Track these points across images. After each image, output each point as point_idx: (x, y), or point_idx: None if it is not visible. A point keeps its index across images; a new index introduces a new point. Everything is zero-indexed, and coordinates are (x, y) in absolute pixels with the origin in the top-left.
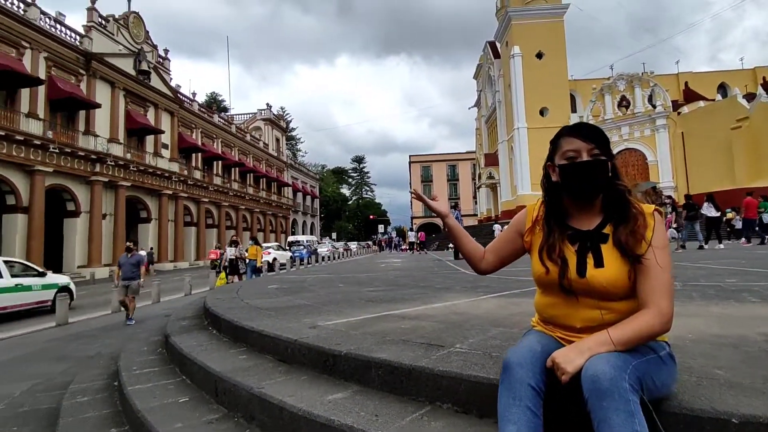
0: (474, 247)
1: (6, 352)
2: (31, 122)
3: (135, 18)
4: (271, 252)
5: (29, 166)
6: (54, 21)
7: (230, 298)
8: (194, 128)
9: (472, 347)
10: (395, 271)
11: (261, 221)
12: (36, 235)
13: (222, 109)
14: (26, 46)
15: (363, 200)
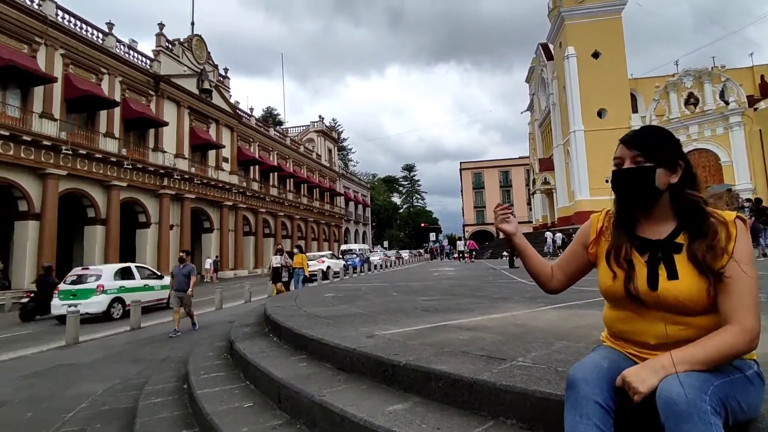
0: (542, 266)
1: (91, 353)
2: (108, 141)
3: (198, 41)
4: (325, 260)
5: (107, 182)
6: (128, 47)
7: (289, 305)
8: (252, 142)
9: (535, 361)
10: (449, 279)
11: (314, 230)
12: (112, 245)
13: (277, 123)
14: (104, 71)
15: (414, 208)
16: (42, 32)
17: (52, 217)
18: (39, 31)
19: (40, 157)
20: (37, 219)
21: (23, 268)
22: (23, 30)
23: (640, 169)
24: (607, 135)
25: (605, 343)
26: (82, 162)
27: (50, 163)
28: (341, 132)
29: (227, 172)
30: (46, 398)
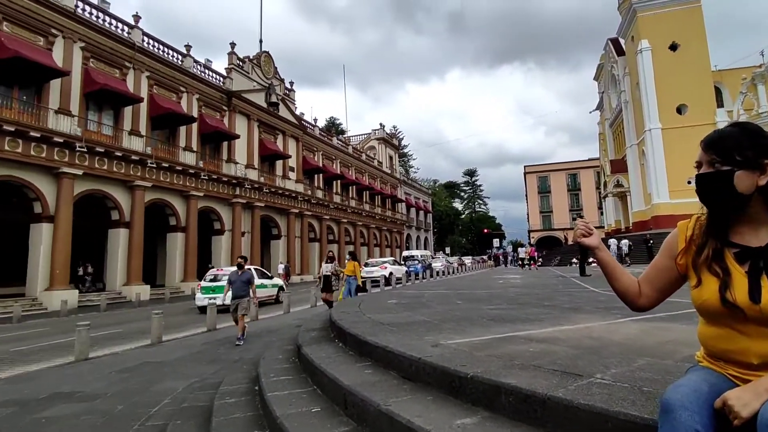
0: (629, 282)
1: (173, 352)
2: (187, 154)
3: (266, 57)
4: (387, 266)
5: (186, 192)
6: (203, 67)
7: (354, 311)
8: (316, 151)
9: (616, 378)
10: (515, 288)
11: (376, 236)
12: (191, 250)
13: (339, 132)
14: (183, 90)
15: (476, 214)
16: (131, 57)
17: (139, 225)
18: (128, 56)
19: (129, 171)
20: (127, 227)
21: (115, 271)
22: (115, 56)
23: (716, 174)
24: (688, 132)
25: (701, 363)
26: (165, 174)
27: (138, 176)
28: (402, 139)
29: (293, 180)
30: (134, 393)
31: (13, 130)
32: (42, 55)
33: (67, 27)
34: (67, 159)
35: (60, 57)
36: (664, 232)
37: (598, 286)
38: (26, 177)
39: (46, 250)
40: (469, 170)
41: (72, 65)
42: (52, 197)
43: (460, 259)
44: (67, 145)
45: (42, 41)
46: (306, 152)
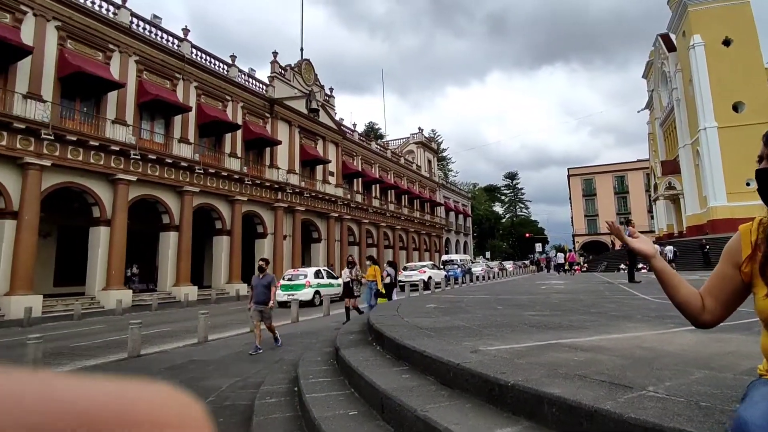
0: (690, 295)
1: (217, 351)
2: (231, 160)
3: (306, 65)
4: (426, 270)
5: (231, 196)
6: (247, 76)
7: (391, 315)
8: (355, 156)
9: (670, 392)
10: (558, 294)
11: (415, 240)
12: (236, 254)
13: (378, 137)
14: (228, 99)
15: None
16: (180, 69)
17: (187, 229)
18: (178, 68)
19: (179, 177)
20: (177, 230)
21: (166, 272)
22: (166, 68)
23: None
24: (746, 131)
25: (765, 377)
26: (211, 180)
27: (186, 181)
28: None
29: (333, 185)
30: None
31: (75, 139)
32: (101, 69)
33: (124, 42)
34: (123, 166)
35: (117, 70)
36: (722, 237)
37: (648, 293)
38: (86, 183)
39: (104, 252)
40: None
41: (127, 78)
42: (109, 202)
43: (500, 264)
44: (123, 152)
45: (101, 56)
46: (345, 157)
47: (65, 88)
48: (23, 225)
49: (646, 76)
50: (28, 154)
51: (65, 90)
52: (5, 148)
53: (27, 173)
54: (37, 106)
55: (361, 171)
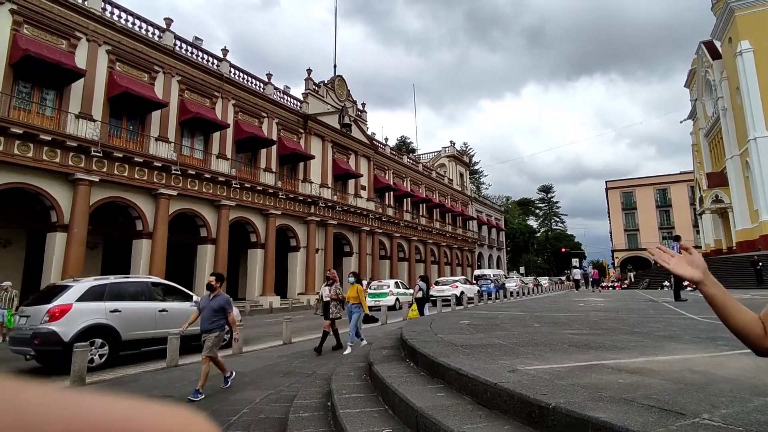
0: (749, 321)
1: (251, 363)
2: (266, 175)
3: (339, 81)
4: (458, 285)
5: (266, 210)
6: (282, 93)
7: (424, 331)
8: (387, 170)
9: (726, 420)
10: (598, 311)
11: (447, 255)
12: (269, 267)
13: (410, 151)
14: (264, 115)
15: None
16: (219, 87)
17: (224, 241)
18: (217, 86)
19: (216, 191)
20: (213, 243)
21: (203, 283)
22: (206, 87)
23: None
24: None
25: None
26: (247, 194)
27: (224, 196)
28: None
29: (365, 199)
30: (217, 401)
31: (121, 156)
32: (146, 89)
33: (167, 63)
34: (164, 181)
35: (160, 90)
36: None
37: (697, 312)
38: (130, 198)
39: (145, 264)
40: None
41: (170, 97)
42: (151, 216)
43: (535, 280)
44: (165, 168)
45: (146, 77)
46: (377, 171)
47: (113, 108)
48: (73, 237)
49: (688, 86)
50: (79, 170)
51: (113, 109)
52: (59, 165)
53: (77, 188)
54: (88, 125)
55: (392, 185)
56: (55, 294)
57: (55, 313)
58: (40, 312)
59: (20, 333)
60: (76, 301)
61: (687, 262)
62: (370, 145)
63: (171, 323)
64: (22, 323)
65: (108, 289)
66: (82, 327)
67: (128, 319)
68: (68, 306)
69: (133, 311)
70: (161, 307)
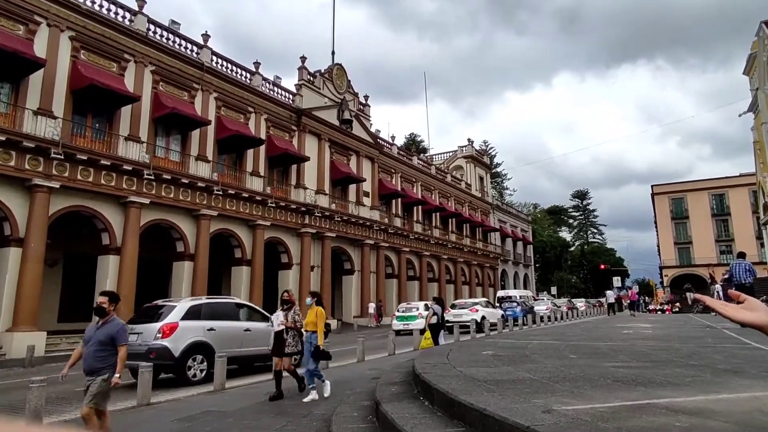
0: None
1: (236, 400)
2: (254, 180)
3: (338, 70)
4: (479, 309)
5: (252, 221)
6: (272, 84)
7: (441, 363)
8: (393, 173)
9: None
10: (646, 340)
11: (465, 272)
12: (257, 287)
13: (421, 151)
14: (251, 110)
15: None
16: (199, 78)
17: (203, 257)
18: (197, 77)
19: (195, 199)
20: (192, 260)
21: None
22: (184, 78)
23: None
24: None
25: None
26: (231, 202)
27: (203, 204)
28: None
29: (368, 207)
30: None
31: (86, 158)
32: (115, 81)
33: (139, 51)
34: (135, 187)
35: (131, 82)
36: None
37: (765, 341)
38: (96, 206)
39: (112, 283)
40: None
41: (142, 90)
42: (120, 227)
43: (569, 302)
44: (136, 172)
45: (115, 67)
46: (382, 174)
47: (77, 103)
48: (29, 253)
49: (748, 73)
50: (37, 175)
51: (77, 105)
52: (13, 169)
53: (35, 196)
54: (48, 122)
55: (400, 190)
56: (155, 313)
57: (166, 331)
58: (152, 329)
59: (133, 348)
60: (181, 319)
61: (745, 308)
62: (374, 144)
63: (253, 342)
64: (134, 339)
65: (203, 309)
66: (188, 343)
67: (221, 338)
68: (175, 324)
69: (225, 330)
70: (246, 326)
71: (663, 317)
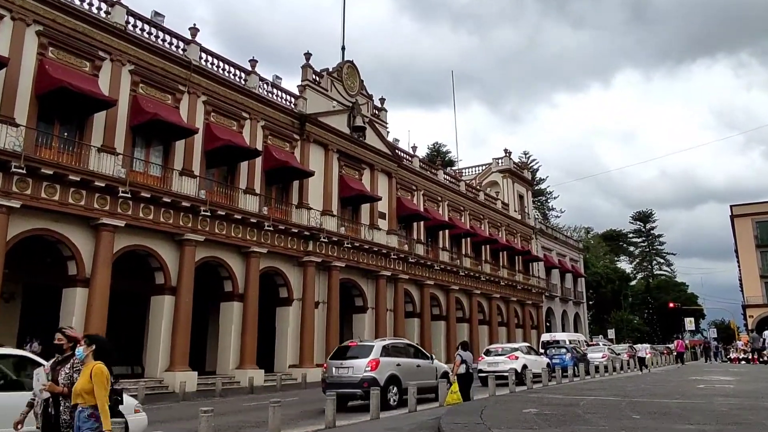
0: None
1: None
2: (248, 198)
3: (349, 68)
4: (519, 356)
5: (246, 248)
6: (271, 86)
7: (473, 423)
8: (415, 190)
9: None
10: (727, 397)
11: (501, 311)
12: (250, 328)
13: (447, 163)
14: (246, 116)
15: (654, 279)
16: (186, 79)
17: (187, 291)
18: (182, 78)
19: (179, 221)
20: (173, 293)
21: (157, 352)
22: (168, 79)
23: None
24: None
25: None
26: (220, 225)
27: (188, 228)
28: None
29: (384, 231)
30: None
31: (51, 173)
32: (88, 82)
33: (117, 48)
34: (108, 207)
35: (107, 84)
36: None
37: None
38: (62, 230)
39: (79, 322)
40: (640, 213)
41: (119, 93)
42: (89, 255)
43: (631, 348)
44: (109, 190)
45: (88, 66)
46: (401, 192)
47: (43, 109)
48: None
49: None
50: None
51: (43, 111)
52: None
53: None
54: (8, 131)
55: (423, 211)
56: (347, 352)
57: (373, 365)
58: (361, 364)
59: (346, 379)
60: (380, 356)
61: None
62: (391, 155)
63: (424, 375)
64: (344, 373)
65: (391, 348)
66: (387, 375)
67: (404, 371)
68: (378, 360)
69: (406, 365)
70: (417, 363)
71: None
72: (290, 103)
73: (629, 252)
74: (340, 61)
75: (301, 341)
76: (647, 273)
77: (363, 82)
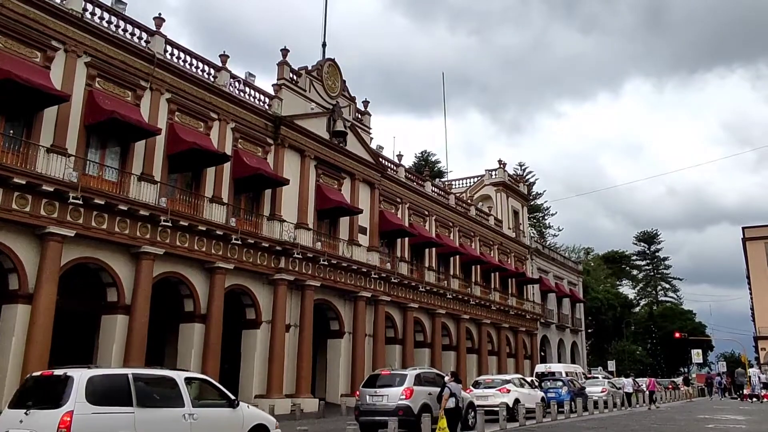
0: None
1: None
2: (214, 208)
3: (330, 66)
4: (511, 389)
5: (210, 263)
6: (243, 84)
7: None
8: (399, 203)
9: None
10: None
11: (492, 338)
12: (213, 352)
13: (436, 174)
14: (214, 117)
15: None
16: (148, 74)
17: (143, 310)
18: (145, 72)
19: (135, 232)
20: (127, 313)
21: None
22: (128, 73)
23: None
24: None
25: None
26: (182, 237)
27: (146, 239)
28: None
29: (364, 248)
30: None
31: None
32: (37, 74)
33: (72, 38)
34: (56, 215)
35: (59, 77)
36: None
37: None
38: (3, 240)
39: (19, 343)
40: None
41: (73, 87)
42: (33, 269)
43: (634, 382)
44: (58, 195)
45: (39, 57)
46: (385, 204)
47: None
48: None
49: None
50: None
51: None
52: None
53: None
54: None
55: (408, 227)
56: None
57: (407, 393)
58: (396, 392)
59: (381, 407)
60: (413, 384)
61: None
62: (374, 164)
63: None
64: (378, 401)
65: (422, 377)
66: (420, 404)
67: (433, 400)
68: (411, 389)
69: (435, 394)
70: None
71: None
72: (264, 104)
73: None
74: (320, 59)
75: (269, 368)
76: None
77: (345, 83)
